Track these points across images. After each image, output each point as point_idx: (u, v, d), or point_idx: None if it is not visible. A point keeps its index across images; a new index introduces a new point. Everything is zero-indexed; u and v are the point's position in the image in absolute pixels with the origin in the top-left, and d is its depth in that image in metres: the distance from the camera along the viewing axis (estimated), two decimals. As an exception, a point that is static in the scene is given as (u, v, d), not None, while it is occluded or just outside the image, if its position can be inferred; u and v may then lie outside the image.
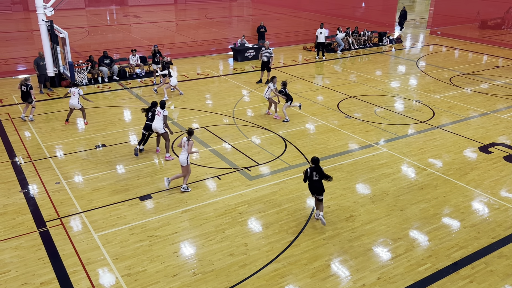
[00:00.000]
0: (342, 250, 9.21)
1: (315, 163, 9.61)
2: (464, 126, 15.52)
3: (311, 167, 9.63)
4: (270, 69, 20.25)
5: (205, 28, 34.92)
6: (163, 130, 12.88)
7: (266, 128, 15.21)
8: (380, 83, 20.61)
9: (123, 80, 20.74)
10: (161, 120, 12.76)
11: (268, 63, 19.97)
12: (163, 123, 12.76)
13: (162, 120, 12.75)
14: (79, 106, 15.26)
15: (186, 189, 11.33)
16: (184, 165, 11.10)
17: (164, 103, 12.89)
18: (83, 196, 11.11)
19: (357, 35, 28.31)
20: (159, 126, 12.81)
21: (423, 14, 42.83)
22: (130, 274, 8.51)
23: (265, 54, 19.84)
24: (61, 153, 13.43)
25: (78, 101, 15.17)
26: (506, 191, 11.46)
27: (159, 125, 12.79)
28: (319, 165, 9.65)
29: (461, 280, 8.41)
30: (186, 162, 11.04)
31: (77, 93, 15.11)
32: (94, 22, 38.06)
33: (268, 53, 19.80)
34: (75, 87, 15.20)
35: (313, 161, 9.64)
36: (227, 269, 8.66)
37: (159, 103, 12.93)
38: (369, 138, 14.50)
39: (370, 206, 10.77)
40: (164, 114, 12.75)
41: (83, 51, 25.16)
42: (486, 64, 24.17)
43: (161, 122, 12.76)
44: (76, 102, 15.15)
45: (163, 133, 12.91)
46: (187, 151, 10.98)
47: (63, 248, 9.20)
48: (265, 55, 19.85)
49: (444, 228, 9.95)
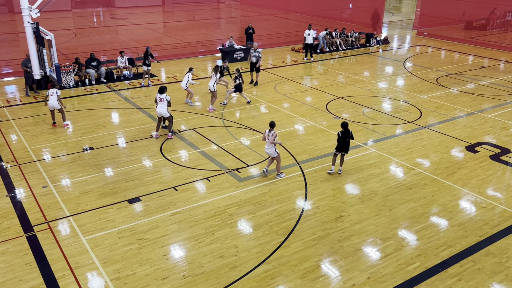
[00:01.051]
0: (332, 250, 9.24)
1: (345, 127, 11.86)
2: (451, 126, 15.68)
3: (342, 131, 11.90)
4: (259, 69, 20.31)
5: (193, 29, 34.83)
6: (168, 114, 14.12)
7: (256, 130, 15.21)
8: (368, 83, 20.75)
9: (110, 82, 20.59)
10: (164, 105, 13.94)
11: (256, 64, 20.04)
12: (167, 106, 13.98)
13: (166, 105, 13.94)
14: (58, 107, 15.12)
15: (280, 176, 12.05)
16: (275, 156, 11.81)
17: (163, 88, 14.06)
18: (71, 200, 11.00)
19: (344, 36, 28.48)
20: (164, 111, 14.01)
21: (409, 15, 43.23)
22: (119, 277, 8.44)
23: (253, 55, 19.92)
24: (48, 156, 13.29)
25: (57, 102, 15.05)
26: (492, 190, 11.60)
27: (164, 110, 13.98)
28: (348, 129, 11.94)
29: (450, 278, 8.49)
30: (275, 152, 11.76)
31: (55, 93, 15.00)
32: (80, 24, 37.75)
33: (256, 54, 19.88)
34: (53, 88, 15.14)
35: (343, 125, 11.88)
36: (217, 271, 8.63)
37: (159, 88, 14.07)
38: (358, 138, 14.58)
39: (359, 206, 10.82)
40: (167, 99, 13.93)
41: (70, 53, 24.93)
42: (471, 65, 24.47)
43: (165, 106, 13.94)
44: (56, 102, 15.03)
45: (168, 116, 14.14)
46: (271, 142, 11.61)
47: (51, 253, 9.10)
48: (253, 56, 19.92)
49: (432, 227, 10.04)
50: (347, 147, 12.11)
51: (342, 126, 11.91)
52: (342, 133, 11.90)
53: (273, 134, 11.53)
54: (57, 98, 15.03)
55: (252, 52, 19.96)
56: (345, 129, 11.88)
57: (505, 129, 15.47)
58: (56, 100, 15.03)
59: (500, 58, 26.09)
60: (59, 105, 15.12)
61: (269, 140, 11.57)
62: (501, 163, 13.05)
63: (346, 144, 12.03)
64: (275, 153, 11.73)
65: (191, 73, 17.31)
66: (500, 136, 14.89)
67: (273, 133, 11.55)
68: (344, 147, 12.05)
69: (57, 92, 15.09)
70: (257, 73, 20.31)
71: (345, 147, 12.07)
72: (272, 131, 11.59)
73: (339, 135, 11.93)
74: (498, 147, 14.07)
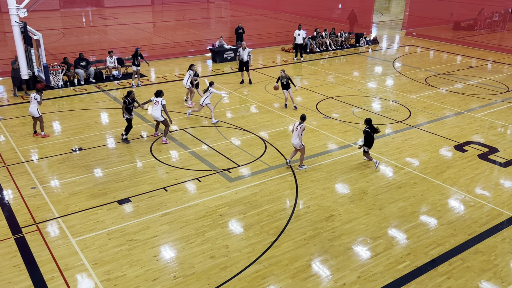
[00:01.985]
0: (323, 249, 9.27)
1: (369, 123, 12.25)
2: (439, 126, 15.82)
3: (368, 127, 12.23)
4: (249, 69, 20.33)
5: (183, 29, 34.72)
6: (162, 118, 13.84)
7: (246, 130, 15.21)
8: (358, 83, 20.85)
9: (99, 82, 20.45)
10: (158, 109, 13.72)
11: (247, 63, 20.07)
12: (161, 111, 13.73)
13: (160, 109, 13.71)
14: (36, 115, 14.06)
15: (302, 167, 12.45)
16: (300, 148, 12.11)
17: (159, 91, 13.86)
18: (60, 201, 10.90)
19: (334, 37, 28.58)
20: (157, 115, 13.81)
21: (398, 16, 43.52)
22: (109, 279, 8.38)
23: (243, 55, 19.91)
24: (37, 157, 13.16)
25: (36, 109, 14.03)
26: (480, 189, 11.72)
27: (157, 114, 13.79)
28: (372, 124, 12.29)
29: (439, 276, 8.56)
30: (301, 144, 12.06)
31: (33, 98, 13.99)
32: (69, 23, 37.43)
33: (246, 53, 19.89)
34: (34, 92, 14.17)
35: (367, 121, 12.30)
36: (208, 271, 8.61)
37: (155, 92, 13.88)
38: (348, 138, 14.64)
39: (350, 205, 10.87)
40: (162, 103, 13.68)
41: (58, 53, 24.71)
42: (460, 65, 24.71)
43: (159, 110, 13.73)
44: (34, 109, 14.00)
45: (162, 120, 13.87)
46: (298, 135, 11.92)
47: (40, 255, 9.01)
48: (243, 55, 19.91)
49: (422, 226, 10.11)
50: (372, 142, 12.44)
51: (367, 122, 12.30)
52: (371, 129, 12.20)
53: (301, 127, 11.94)
54: (36, 104, 14.01)
55: (240, 51, 19.95)
56: (370, 125, 12.26)
57: (493, 128, 15.64)
58: (35, 106, 14.00)
59: (488, 58, 26.37)
60: (37, 113, 14.08)
61: (297, 131, 11.96)
62: (489, 162, 13.19)
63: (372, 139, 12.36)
64: (302, 145, 12.08)
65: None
66: (488, 135, 15.05)
67: (302, 125, 11.96)
68: (370, 142, 12.38)
69: (35, 97, 14.02)
70: (247, 71, 20.32)
71: (372, 142, 12.41)
72: (302, 124, 11.98)
73: (369, 132, 12.21)
74: (486, 146, 14.22)
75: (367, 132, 12.27)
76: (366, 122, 12.35)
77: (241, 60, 20.05)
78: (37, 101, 14.10)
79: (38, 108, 14.22)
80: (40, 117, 14.26)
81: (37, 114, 14.16)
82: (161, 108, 13.69)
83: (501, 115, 16.86)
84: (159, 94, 13.82)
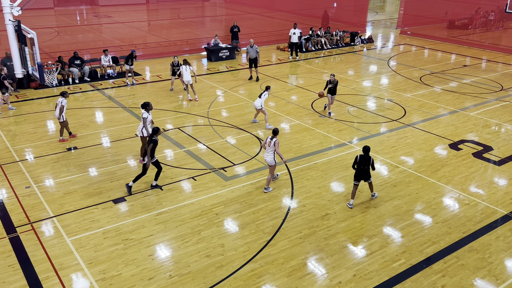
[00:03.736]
0: (318, 248, 9.29)
1: (366, 152, 10.32)
2: (434, 124, 15.88)
3: (361, 156, 10.37)
4: (257, 65, 20.44)
5: (178, 28, 34.63)
6: (140, 134, 12.23)
7: (241, 128, 15.20)
8: (353, 82, 20.88)
9: (94, 81, 20.36)
10: (141, 123, 12.21)
11: (255, 60, 20.26)
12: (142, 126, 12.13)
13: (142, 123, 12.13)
14: (61, 119, 13.66)
15: (268, 189, 11.30)
16: (272, 165, 11.04)
17: (144, 104, 12.15)
18: (55, 200, 10.85)
19: (329, 35, 28.61)
20: (139, 129, 12.32)
21: (393, 14, 43.61)
22: (104, 278, 8.36)
23: (251, 52, 20.09)
24: (31, 156, 13.09)
25: (59, 113, 13.54)
26: (475, 187, 11.78)
27: (139, 128, 12.30)
28: (369, 155, 10.36)
29: (434, 274, 8.60)
30: (274, 161, 11.00)
31: (59, 103, 13.55)
32: (63, 22, 37.23)
33: (254, 50, 20.12)
34: (61, 97, 13.65)
35: (365, 149, 10.33)
36: (203, 270, 8.61)
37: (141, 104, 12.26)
38: (343, 137, 14.67)
39: (345, 204, 10.89)
40: (143, 116, 12.07)
41: (52, 52, 24.58)
42: (454, 63, 24.80)
43: (140, 125, 12.22)
44: (57, 113, 13.59)
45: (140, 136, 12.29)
46: (272, 151, 10.94)
47: (35, 254, 8.97)
48: (251, 52, 20.11)
49: (417, 224, 10.15)
50: (367, 175, 10.44)
51: (364, 150, 10.37)
52: (361, 157, 10.35)
53: (274, 141, 10.86)
54: (61, 107, 13.48)
55: (248, 48, 20.14)
56: (366, 154, 10.32)
57: (487, 126, 15.72)
58: (58, 110, 13.55)
59: (482, 57, 26.49)
60: (59, 117, 13.60)
61: (270, 147, 10.89)
62: (483, 160, 13.25)
63: (364, 171, 10.37)
64: (273, 161, 10.97)
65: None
66: (482, 133, 15.12)
67: (275, 140, 10.87)
68: (362, 174, 10.41)
69: (62, 101, 13.54)
70: (255, 68, 20.42)
71: (364, 174, 10.41)
72: (275, 138, 10.89)
73: (357, 159, 10.38)
74: (480, 144, 14.29)
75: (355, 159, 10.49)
76: (363, 149, 10.43)
77: (249, 57, 20.25)
78: (61, 105, 13.52)
79: (63, 112, 13.59)
80: (63, 122, 13.72)
81: (60, 119, 13.65)
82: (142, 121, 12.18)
83: (495, 113, 16.95)
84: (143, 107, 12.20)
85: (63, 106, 13.54)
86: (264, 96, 15.00)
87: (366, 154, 10.33)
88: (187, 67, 17.54)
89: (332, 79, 16.08)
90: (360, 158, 10.36)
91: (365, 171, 10.38)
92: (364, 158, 10.33)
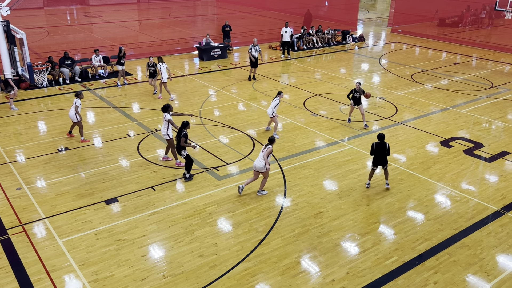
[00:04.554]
0: (311, 246, 9.30)
1: (381, 139, 10.99)
2: (425, 122, 15.96)
3: (377, 143, 11.03)
4: (257, 65, 20.46)
5: (169, 27, 34.51)
6: (167, 137, 12.27)
7: (234, 128, 15.18)
8: (345, 80, 20.94)
9: (85, 81, 20.24)
10: (165, 126, 12.21)
11: (257, 60, 20.26)
12: (166, 128, 12.16)
13: (166, 126, 12.16)
14: (74, 119, 13.60)
15: (262, 192, 11.14)
16: (263, 171, 10.82)
17: (165, 106, 12.14)
18: (46, 202, 10.78)
19: (321, 34, 28.66)
20: (163, 132, 12.32)
21: (384, 13, 43.79)
22: (97, 279, 8.31)
23: (254, 51, 20.05)
24: (22, 157, 12.99)
25: (75, 113, 13.47)
26: (466, 184, 11.87)
27: (163, 131, 12.30)
28: (385, 141, 11.03)
29: (426, 271, 8.65)
30: (265, 167, 10.71)
31: (74, 103, 13.54)
32: (53, 22, 36.95)
33: (257, 50, 20.08)
34: (76, 97, 13.66)
35: (380, 137, 11.01)
36: (197, 270, 8.59)
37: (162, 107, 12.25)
38: (335, 135, 14.71)
39: (338, 202, 10.92)
40: (166, 118, 12.08)
41: (42, 52, 24.39)
42: (445, 61, 24.96)
43: (164, 128, 12.22)
44: (72, 113, 13.50)
45: (167, 139, 12.37)
46: (264, 156, 10.67)
47: (26, 256, 8.90)
48: (254, 52, 20.03)
49: (409, 221, 10.21)
50: (384, 160, 11.17)
51: (378, 138, 11.04)
52: (377, 145, 11.02)
53: (267, 149, 10.72)
54: (75, 109, 13.45)
55: (252, 48, 20.09)
56: (381, 141, 10.99)
57: (478, 124, 15.84)
58: (73, 110, 13.49)
59: (472, 54, 26.68)
60: (74, 118, 13.56)
61: (262, 153, 10.75)
62: (474, 157, 13.35)
63: (381, 157, 11.11)
64: (266, 168, 10.76)
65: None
66: (473, 130, 15.23)
67: (268, 147, 10.74)
68: (380, 160, 11.15)
69: (75, 102, 13.49)
70: (255, 68, 20.49)
71: (381, 160, 11.15)
72: (269, 146, 10.77)
73: (373, 146, 11.05)
74: (471, 141, 14.39)
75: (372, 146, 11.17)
76: (378, 137, 11.10)
77: (252, 56, 20.20)
78: (75, 105, 13.45)
79: (77, 113, 13.53)
80: (78, 122, 13.65)
81: (74, 119, 13.59)
82: (166, 124, 12.20)
83: (485, 110, 17.08)
84: (164, 110, 12.20)
85: (77, 107, 13.47)
86: (274, 102, 14.10)
87: (382, 141, 11.00)
88: (163, 65, 17.48)
89: (358, 87, 14.68)
90: (376, 145, 11.05)
91: (382, 157, 11.09)
92: (380, 144, 11.02)
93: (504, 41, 29.83)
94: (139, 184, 11.54)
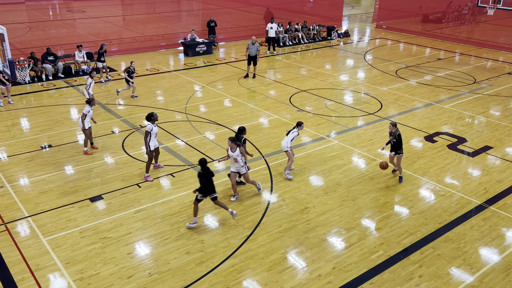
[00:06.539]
0: (298, 242, 9.34)
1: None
2: (410, 117, 16.12)
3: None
4: (256, 63, 20.35)
5: (154, 22, 34.21)
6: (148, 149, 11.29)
7: (220, 124, 15.13)
8: (330, 76, 21.01)
9: (68, 78, 19.96)
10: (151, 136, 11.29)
11: (255, 58, 20.11)
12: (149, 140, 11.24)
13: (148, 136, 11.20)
14: (81, 125, 12.57)
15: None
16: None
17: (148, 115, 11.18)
18: (30, 200, 10.62)
19: (306, 30, 28.69)
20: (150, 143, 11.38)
21: (369, 9, 44.01)
22: (82, 278, 8.23)
23: (252, 49, 19.91)
24: (4, 155, 12.76)
25: (82, 121, 12.43)
26: (450, 178, 12.02)
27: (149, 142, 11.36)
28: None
29: (411, 265, 8.75)
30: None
31: (83, 112, 12.52)
32: (35, 17, 36.34)
33: (255, 48, 19.93)
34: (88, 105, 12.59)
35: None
36: (183, 267, 8.56)
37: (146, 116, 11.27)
38: (321, 131, 14.76)
39: (324, 197, 10.98)
40: (147, 129, 11.16)
41: (24, 48, 23.97)
42: (429, 57, 25.20)
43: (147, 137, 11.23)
44: (80, 121, 12.54)
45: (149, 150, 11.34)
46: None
47: (9, 255, 8.76)
48: (252, 49, 19.92)
49: (394, 216, 10.31)
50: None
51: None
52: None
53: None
54: (82, 115, 12.50)
55: (250, 45, 19.93)
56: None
57: (461, 119, 16.04)
58: (80, 117, 12.56)
59: (455, 50, 26.99)
60: (81, 125, 12.51)
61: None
62: (458, 152, 13.53)
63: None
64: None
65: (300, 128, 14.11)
66: (456, 126, 15.43)
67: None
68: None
69: (84, 109, 12.51)
70: (254, 66, 20.31)
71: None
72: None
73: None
74: (455, 136, 14.58)
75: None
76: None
77: (249, 54, 20.04)
78: (83, 113, 12.52)
79: (85, 121, 12.48)
80: (85, 130, 12.58)
81: (81, 125, 12.54)
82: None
83: (468, 106, 17.30)
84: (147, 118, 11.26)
85: (84, 115, 12.43)
86: (292, 135, 11.56)
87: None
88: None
89: (393, 129, 11.45)
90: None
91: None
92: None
93: (486, 37, 30.26)
94: (124, 182, 11.44)
